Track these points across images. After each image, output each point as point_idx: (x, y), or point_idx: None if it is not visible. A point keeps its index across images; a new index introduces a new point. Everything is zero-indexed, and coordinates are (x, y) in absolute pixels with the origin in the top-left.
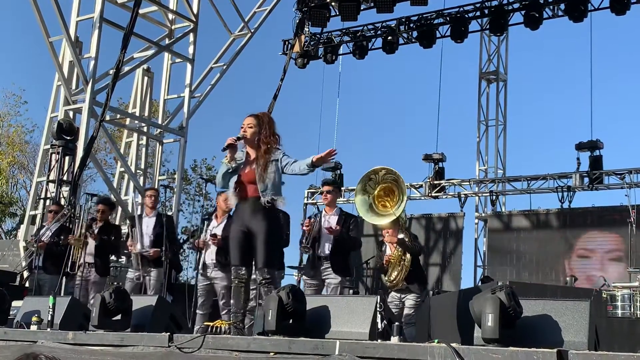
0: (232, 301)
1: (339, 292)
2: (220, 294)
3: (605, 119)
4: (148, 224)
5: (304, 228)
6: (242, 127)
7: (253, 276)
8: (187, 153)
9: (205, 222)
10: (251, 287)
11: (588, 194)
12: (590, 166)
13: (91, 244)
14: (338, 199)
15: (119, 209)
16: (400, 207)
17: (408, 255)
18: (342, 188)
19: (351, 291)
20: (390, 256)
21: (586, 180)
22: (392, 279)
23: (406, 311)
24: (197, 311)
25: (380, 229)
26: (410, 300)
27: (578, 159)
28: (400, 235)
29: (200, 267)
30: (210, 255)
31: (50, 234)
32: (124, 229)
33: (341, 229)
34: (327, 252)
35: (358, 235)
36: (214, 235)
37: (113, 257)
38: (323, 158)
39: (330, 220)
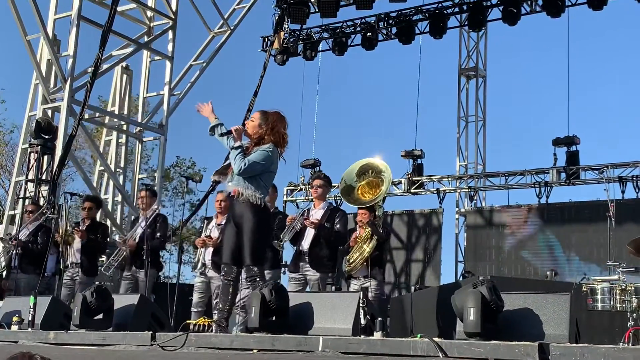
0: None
1: (318, 288)
2: (214, 293)
3: (582, 115)
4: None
5: (287, 222)
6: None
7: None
8: (168, 151)
9: (205, 222)
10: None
11: (565, 189)
12: (567, 162)
13: (77, 242)
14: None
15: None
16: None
17: (373, 241)
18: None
19: (333, 287)
20: (358, 236)
21: (563, 175)
22: (351, 260)
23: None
24: (192, 309)
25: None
26: (370, 292)
27: (555, 154)
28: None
29: (199, 266)
30: (207, 255)
31: (28, 232)
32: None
33: (319, 223)
34: (307, 247)
35: (344, 229)
36: (208, 236)
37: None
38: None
39: (316, 215)
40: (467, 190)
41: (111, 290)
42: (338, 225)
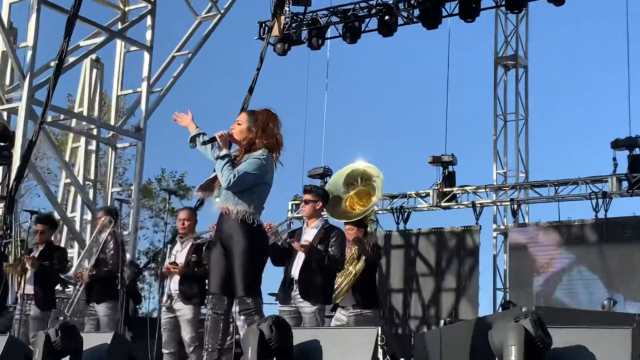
0: (207, 337)
1: (316, 322)
2: (185, 329)
3: None
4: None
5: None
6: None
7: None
8: (150, 161)
9: (169, 246)
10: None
11: (627, 201)
12: (629, 167)
13: (30, 271)
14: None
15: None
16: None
17: (361, 262)
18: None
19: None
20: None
21: (625, 184)
22: (335, 285)
23: None
24: (163, 350)
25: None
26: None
27: (615, 159)
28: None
29: (165, 298)
30: (173, 285)
31: None
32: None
33: (311, 245)
34: (297, 274)
35: (339, 251)
36: (173, 263)
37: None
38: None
39: (307, 235)
40: (508, 203)
41: (79, 327)
42: (333, 247)
